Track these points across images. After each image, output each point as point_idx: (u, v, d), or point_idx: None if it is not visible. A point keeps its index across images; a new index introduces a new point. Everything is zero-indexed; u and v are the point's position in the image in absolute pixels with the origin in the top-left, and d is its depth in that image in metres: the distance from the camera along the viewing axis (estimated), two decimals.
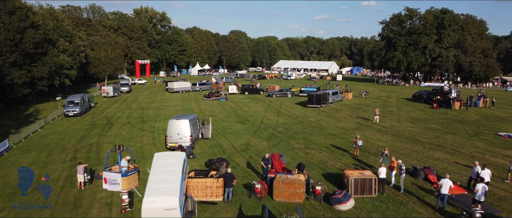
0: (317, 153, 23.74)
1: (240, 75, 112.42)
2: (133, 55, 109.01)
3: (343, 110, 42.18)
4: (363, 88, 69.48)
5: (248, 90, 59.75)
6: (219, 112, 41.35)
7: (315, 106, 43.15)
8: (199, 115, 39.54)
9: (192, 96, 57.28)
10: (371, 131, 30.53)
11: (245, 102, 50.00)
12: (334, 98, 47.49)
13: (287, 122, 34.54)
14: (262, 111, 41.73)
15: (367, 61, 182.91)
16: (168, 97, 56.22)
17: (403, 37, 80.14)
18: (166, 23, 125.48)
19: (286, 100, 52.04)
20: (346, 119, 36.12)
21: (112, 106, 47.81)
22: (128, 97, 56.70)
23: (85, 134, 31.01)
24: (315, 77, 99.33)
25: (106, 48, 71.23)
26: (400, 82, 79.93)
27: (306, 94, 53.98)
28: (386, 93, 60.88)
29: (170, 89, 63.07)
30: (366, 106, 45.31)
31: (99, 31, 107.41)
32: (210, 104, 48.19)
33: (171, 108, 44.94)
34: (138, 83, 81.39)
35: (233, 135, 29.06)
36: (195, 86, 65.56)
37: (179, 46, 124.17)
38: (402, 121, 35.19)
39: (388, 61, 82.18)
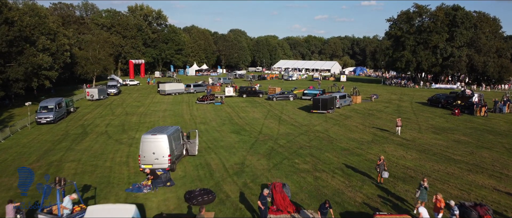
0: (330, 178, 18.79)
1: (239, 76, 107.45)
2: (127, 55, 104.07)
3: (353, 116, 37.21)
4: (370, 90, 64.51)
5: (246, 92, 54.82)
6: (213, 118, 36.43)
7: (321, 111, 38.21)
8: (190, 121, 34.63)
9: (185, 99, 52.35)
10: (391, 145, 25.58)
11: (243, 106, 45.08)
12: (342, 102, 42.55)
13: (290, 132, 29.61)
14: (261, 117, 36.81)
15: (370, 61, 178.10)
16: (158, 100, 51.29)
17: (412, 36, 75.18)
18: (162, 21, 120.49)
19: (288, 104, 47.12)
20: (358, 129, 31.16)
21: (94, 111, 42.90)
22: (115, 100, 51.79)
23: (51, 148, 26.12)
24: (318, 78, 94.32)
25: (94, 46, 66.30)
26: (409, 84, 74.86)
27: (309, 97, 49.11)
28: (397, 96, 55.88)
29: (161, 91, 58.15)
30: (378, 111, 40.34)
31: (91, 29, 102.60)
32: (204, 108, 43.27)
33: (159, 113, 40.00)
34: (130, 84, 76.45)
35: (225, 150, 24.12)
36: (189, 88, 60.62)
37: (175, 45, 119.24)
38: (424, 131, 30.24)
39: (396, 61, 77.20)
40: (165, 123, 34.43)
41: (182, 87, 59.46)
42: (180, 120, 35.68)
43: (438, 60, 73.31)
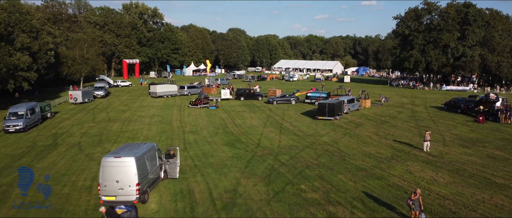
0: (348, 213, 14.40)
1: (238, 76, 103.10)
2: (120, 54, 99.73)
3: (364, 124, 32.78)
4: (377, 92, 60.14)
5: (244, 95, 50.41)
6: (205, 126, 32.03)
7: (328, 118, 33.80)
8: (178, 130, 30.25)
9: (177, 103, 47.97)
10: (416, 163, 21.19)
11: (240, 111, 40.69)
12: (350, 107, 38.14)
13: (293, 145, 25.22)
14: (260, 124, 32.42)
15: (372, 61, 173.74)
16: (147, 104, 46.91)
17: (421, 34, 70.73)
18: (158, 19, 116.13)
19: (290, 108, 42.75)
20: (373, 140, 26.75)
21: (74, 116, 38.53)
22: (101, 104, 47.43)
23: (8, 165, 21.80)
24: (320, 79, 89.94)
25: (81, 45, 61.89)
26: (418, 85, 70.35)
27: (313, 100, 44.74)
28: (408, 99, 51.46)
29: (152, 93, 53.77)
30: (392, 118, 35.90)
31: (83, 28, 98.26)
32: (196, 114, 38.88)
33: (145, 119, 35.61)
34: (121, 85, 72.08)
35: (215, 170, 19.75)
36: (183, 90, 56.23)
37: (172, 45, 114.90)
38: (450, 144, 25.84)
39: (403, 61, 72.74)
40: (149, 131, 30.06)
41: (175, 89, 55.07)
42: (167, 128, 31.29)
43: (449, 60, 68.84)
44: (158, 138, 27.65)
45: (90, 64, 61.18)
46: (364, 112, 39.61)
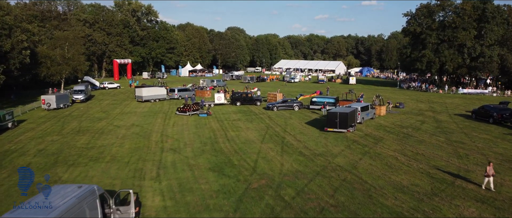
0: None
1: (236, 77, 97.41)
2: (111, 54, 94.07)
3: (385, 138, 27.02)
4: (388, 95, 54.48)
5: (240, 99, 44.70)
6: (190, 140, 26.33)
7: (339, 130, 28.08)
8: (156, 146, 24.53)
9: (165, 108, 42.28)
10: (469, 203, 15.46)
11: (235, 119, 34.98)
12: (364, 115, 32.40)
13: (299, 170, 19.53)
14: (258, 138, 26.73)
15: (375, 61, 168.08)
16: (130, 110, 41.20)
17: (434, 32, 64.97)
18: (153, 17, 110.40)
19: (293, 115, 37.05)
20: (401, 163, 21.00)
21: (40, 126, 32.80)
22: (78, 110, 41.74)
23: None
24: (324, 80, 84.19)
25: (62, 44, 56.17)
26: (431, 88, 64.53)
27: (319, 106, 39.06)
28: (425, 105, 45.71)
29: (138, 97, 48.06)
30: (415, 130, 30.12)
31: (72, 25, 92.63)
32: (183, 123, 33.16)
33: (121, 131, 29.88)
34: (109, 87, 66.39)
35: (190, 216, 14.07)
36: (173, 93, 50.52)
37: (167, 44, 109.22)
38: (500, 169, 20.10)
39: (415, 62, 66.98)
40: (120, 149, 24.33)
41: (163, 92, 49.33)
42: (143, 144, 25.57)
43: (465, 61, 63.10)
44: (128, 158, 21.94)
45: (71, 64, 55.42)
46: (380, 121, 33.84)
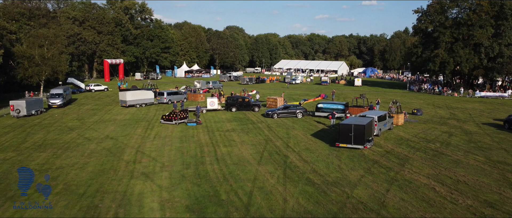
0: None
1: (234, 78, 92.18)
2: (102, 53, 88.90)
3: (412, 157, 21.81)
4: (400, 100, 49.41)
5: (236, 104, 39.58)
6: (169, 161, 21.18)
7: (354, 146, 22.94)
8: (126, 169, 19.39)
9: (150, 115, 37.17)
10: None
11: (228, 129, 29.87)
12: (381, 126, 27.26)
13: (308, 211, 14.39)
14: (255, 157, 21.62)
15: (378, 61, 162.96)
16: (110, 117, 36.07)
17: (448, 30, 59.82)
18: (147, 15, 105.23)
19: (295, 124, 31.96)
20: (441, 198, 15.83)
21: (1, 138, 27.74)
22: (50, 117, 36.64)
23: None
24: (327, 81, 79.00)
25: (41, 42, 51.03)
26: (445, 91, 59.32)
27: (326, 113, 33.98)
28: (445, 111, 40.54)
29: (122, 101, 42.95)
30: (444, 144, 24.92)
31: (61, 24, 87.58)
32: (167, 134, 28.02)
33: (90, 146, 24.67)
34: (95, 89, 61.25)
35: None
36: (162, 97, 45.40)
37: (162, 43, 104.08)
38: None
39: (426, 62, 61.82)
40: (80, 172, 19.18)
41: (150, 96, 44.21)
42: (111, 165, 20.41)
43: (482, 61, 57.95)
44: (84, 188, 16.78)
45: (50, 64, 50.28)
46: (399, 132, 28.68)
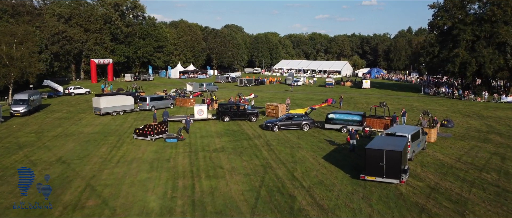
0: None
1: (231, 79, 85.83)
2: (89, 53, 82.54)
3: (469, 200, 15.28)
4: (417, 106, 43.10)
5: (229, 113, 33.23)
6: (124, 205, 14.81)
7: (386, 181, 16.58)
8: (64, 212, 13.20)
9: (125, 127, 30.84)
10: None
11: (217, 148, 23.52)
12: (414, 147, 20.82)
13: None
14: (247, 199, 15.29)
15: (383, 61, 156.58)
16: (76, 130, 29.73)
17: (469, 27, 53.46)
18: (139, 12, 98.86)
19: (302, 140, 25.65)
20: None
21: None
22: (7, 129, 30.32)
23: None
24: (332, 83, 72.59)
25: (9, 40, 44.64)
26: (466, 95, 52.81)
27: (338, 126, 27.69)
28: (477, 121, 34.15)
29: (95, 109, 36.58)
30: (504, 175, 18.54)
31: (45, 21, 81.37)
32: (137, 155, 21.67)
33: (23, 175, 18.38)
34: (75, 93, 54.88)
35: None
36: (144, 104, 39.02)
37: (155, 42, 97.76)
38: None
39: (444, 62, 55.44)
40: None
41: (129, 102, 37.80)
42: (39, 212, 14.08)
43: (508, 62, 51.58)
44: None
45: (18, 65, 43.91)
46: (435, 154, 22.28)
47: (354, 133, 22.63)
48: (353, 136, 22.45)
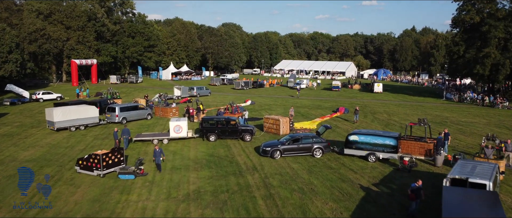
0: None
1: (228, 81, 78.20)
2: (70, 52, 74.94)
3: None
4: (437, 114, 35.58)
5: (215, 131, 25.56)
6: None
7: None
8: None
9: (75, 151, 23.21)
10: None
11: (188, 193, 15.97)
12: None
13: None
14: None
15: (387, 62, 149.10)
16: (8, 155, 22.07)
17: (501, 23, 45.91)
18: (128, 8, 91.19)
19: (314, 175, 18.13)
20: None
21: None
22: None
23: None
24: (338, 87, 64.92)
25: None
26: (499, 102, 45.21)
27: (363, 153, 20.14)
28: None
29: (49, 123, 28.98)
30: None
31: (22, 19, 74.07)
32: (66, 206, 14.15)
33: None
34: (43, 98, 47.23)
35: None
36: (113, 114, 31.36)
37: (145, 41, 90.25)
38: None
39: (471, 64, 47.81)
40: None
41: (93, 115, 30.05)
42: None
43: None
44: None
45: None
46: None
47: (420, 188, 13.37)
48: (419, 194, 13.33)
